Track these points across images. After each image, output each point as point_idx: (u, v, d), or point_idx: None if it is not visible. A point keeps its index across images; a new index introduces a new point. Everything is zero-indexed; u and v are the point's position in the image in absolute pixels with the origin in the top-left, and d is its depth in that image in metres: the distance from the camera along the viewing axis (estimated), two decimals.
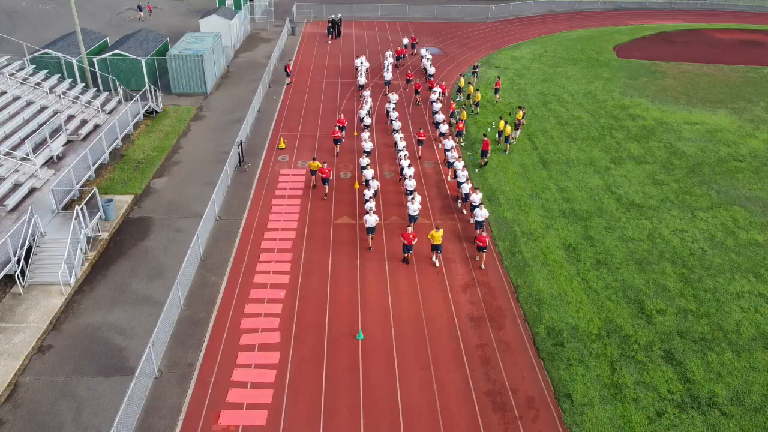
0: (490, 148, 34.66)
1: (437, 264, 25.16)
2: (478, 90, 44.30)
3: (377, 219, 26.01)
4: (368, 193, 28.03)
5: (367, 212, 26.14)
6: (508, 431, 17.86)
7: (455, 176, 31.15)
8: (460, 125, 37.22)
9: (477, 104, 42.31)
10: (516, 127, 37.12)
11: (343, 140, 36.04)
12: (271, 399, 18.66)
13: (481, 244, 24.91)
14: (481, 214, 26.49)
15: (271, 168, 33.71)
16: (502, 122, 36.59)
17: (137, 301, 22.58)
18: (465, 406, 18.66)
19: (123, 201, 28.88)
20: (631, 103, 45.73)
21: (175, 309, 21.67)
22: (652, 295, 23.74)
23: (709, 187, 32.74)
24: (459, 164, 30.97)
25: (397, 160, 33.36)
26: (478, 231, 26.61)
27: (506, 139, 36.07)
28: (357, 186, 31.53)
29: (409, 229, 24.60)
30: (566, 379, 19.70)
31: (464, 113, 38.97)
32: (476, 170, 33.70)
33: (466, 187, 29.03)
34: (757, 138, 39.87)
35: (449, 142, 33.55)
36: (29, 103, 33.26)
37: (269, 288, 23.71)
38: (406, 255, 25.14)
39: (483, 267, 25.14)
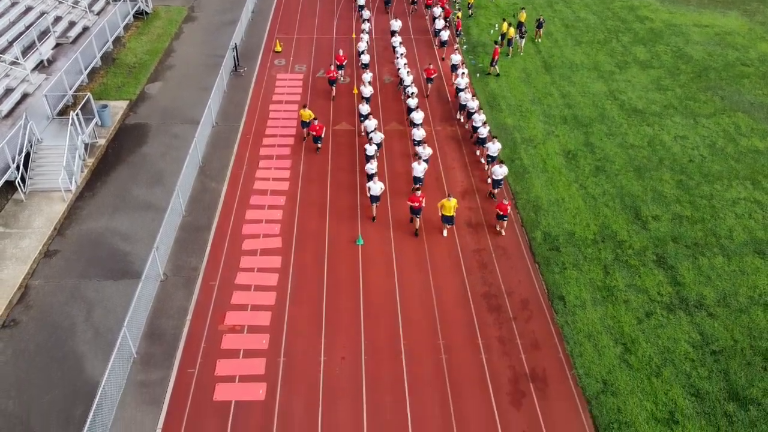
0: (499, 55, 33.37)
1: (446, 233, 22.13)
2: None
3: (383, 187, 22.31)
4: (370, 149, 23.91)
5: (370, 177, 22.61)
6: (502, 331, 18.64)
7: (469, 118, 27.53)
8: (458, 24, 36.22)
9: (470, 6, 40.61)
10: (521, 33, 35.53)
11: (341, 80, 31.66)
12: (274, 301, 19.30)
13: (502, 213, 21.66)
14: (500, 172, 22.91)
15: (267, 72, 32.93)
16: (505, 24, 35.31)
17: (139, 207, 22.80)
18: (461, 308, 19.34)
19: (118, 107, 28.43)
20: (639, 4, 43.93)
21: (176, 215, 21.92)
22: (649, 201, 23.97)
23: (714, 92, 32.16)
24: (473, 104, 27.29)
25: (403, 98, 29.62)
26: (496, 191, 23.65)
27: (509, 42, 34.96)
28: (356, 91, 30.94)
29: (417, 192, 21.53)
30: (560, 282, 20.30)
31: (459, 13, 37.69)
32: (477, 75, 32.94)
33: (483, 131, 25.65)
34: (767, 41, 38.67)
35: (463, 81, 29.05)
36: (13, 4, 31.88)
37: (269, 194, 23.87)
38: (416, 228, 22.11)
39: (503, 233, 22.23)
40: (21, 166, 22.40)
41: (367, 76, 29.25)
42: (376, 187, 21.93)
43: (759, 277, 20.59)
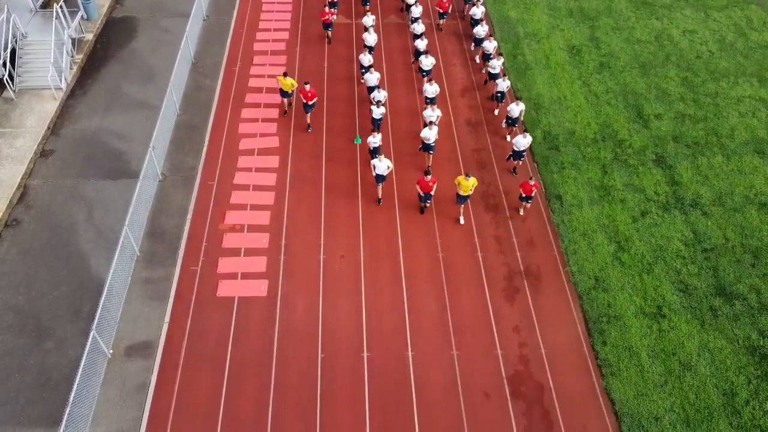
0: None
1: (462, 221, 19.16)
2: None
3: (389, 165, 18.92)
4: (376, 112, 20.47)
5: (374, 153, 19.65)
6: (498, 230, 18.92)
7: (485, 61, 23.87)
8: None
9: None
10: None
11: (335, 18, 26.01)
12: (273, 201, 19.41)
13: (526, 194, 18.61)
14: (524, 143, 19.64)
15: None
16: None
17: (132, 106, 22.35)
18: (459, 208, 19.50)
19: None
20: None
21: (171, 113, 21.54)
22: (652, 99, 23.51)
23: None
24: (490, 45, 23.44)
25: (410, 41, 25.73)
26: (517, 162, 20.45)
27: None
28: None
29: (428, 177, 18.20)
30: (558, 181, 20.35)
31: None
32: None
33: (503, 84, 21.91)
34: None
35: (478, 9, 25.13)
36: None
37: (265, 92, 23.32)
38: (423, 205, 19.20)
39: (522, 213, 19.45)
40: (8, 63, 21.70)
41: (369, 19, 24.41)
42: (381, 165, 18.70)
43: (756, 176, 20.63)
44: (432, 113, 20.41)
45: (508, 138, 21.44)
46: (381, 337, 16.12)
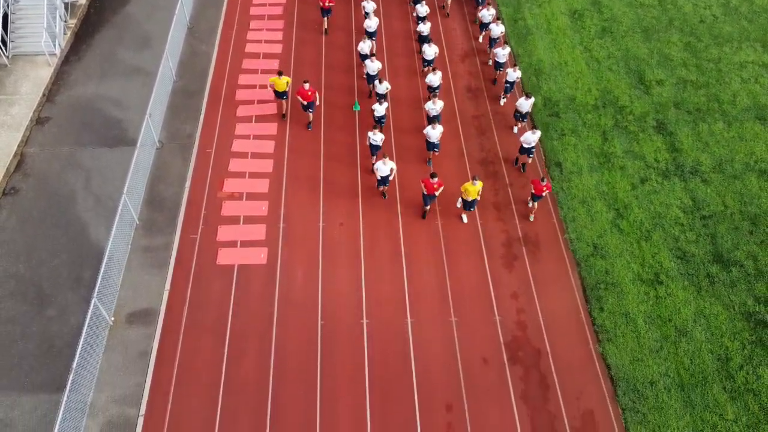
0: None
1: (465, 219, 18.33)
2: None
3: (393, 166, 17.86)
4: (379, 110, 19.34)
5: (374, 150, 18.81)
6: (498, 196, 18.90)
7: (490, 47, 22.87)
8: None
9: None
10: None
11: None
12: (271, 168, 19.33)
13: (537, 193, 17.66)
14: (532, 138, 18.62)
15: None
16: None
17: (128, 72, 22.07)
18: (458, 174, 19.42)
19: None
20: None
21: (167, 80, 21.28)
22: (654, 65, 23.23)
23: None
24: (497, 28, 22.16)
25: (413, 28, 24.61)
26: (525, 158, 19.38)
27: None
28: None
29: (434, 179, 17.25)
30: (558, 148, 20.24)
31: None
32: None
33: (512, 75, 20.61)
34: None
35: None
36: None
37: (262, 58, 23.01)
38: (427, 208, 18.12)
39: (532, 218, 18.38)
40: (0, 28, 21.35)
41: (370, 5, 22.88)
42: (385, 168, 17.60)
43: (757, 143, 20.53)
44: (434, 106, 19.46)
45: (515, 129, 20.67)
46: (380, 304, 16.25)
